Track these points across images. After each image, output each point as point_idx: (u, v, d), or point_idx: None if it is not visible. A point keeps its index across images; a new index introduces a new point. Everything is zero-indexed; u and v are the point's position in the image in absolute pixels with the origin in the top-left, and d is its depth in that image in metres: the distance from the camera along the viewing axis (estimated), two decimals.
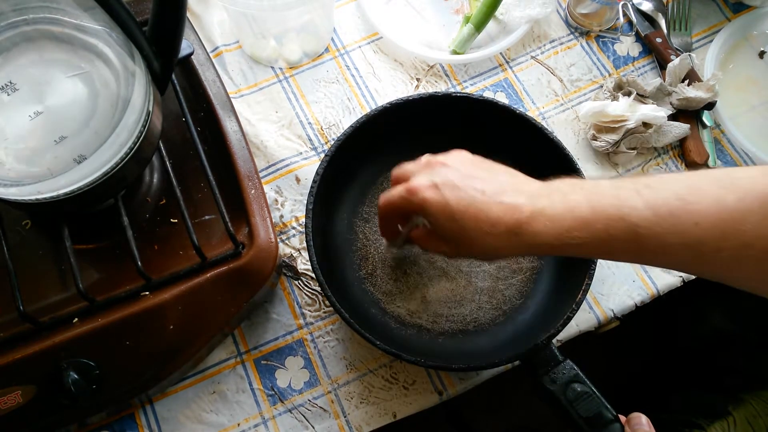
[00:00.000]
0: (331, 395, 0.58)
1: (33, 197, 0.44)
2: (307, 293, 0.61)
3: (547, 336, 0.51)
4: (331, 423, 0.57)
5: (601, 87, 0.69)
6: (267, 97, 0.68)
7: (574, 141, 0.68)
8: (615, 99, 0.66)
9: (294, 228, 0.63)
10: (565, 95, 0.70)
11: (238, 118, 0.59)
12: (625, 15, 0.73)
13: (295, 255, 0.62)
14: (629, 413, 0.46)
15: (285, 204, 0.64)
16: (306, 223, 0.55)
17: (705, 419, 0.73)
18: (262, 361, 0.58)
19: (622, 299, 0.61)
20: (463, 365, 0.51)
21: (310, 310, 0.60)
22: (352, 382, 0.58)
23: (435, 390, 0.58)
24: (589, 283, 0.53)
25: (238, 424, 0.57)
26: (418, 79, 0.70)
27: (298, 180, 0.65)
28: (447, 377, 0.58)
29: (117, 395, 0.50)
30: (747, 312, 0.88)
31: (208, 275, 0.51)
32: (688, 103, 0.66)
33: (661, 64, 0.71)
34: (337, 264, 0.59)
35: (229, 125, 0.57)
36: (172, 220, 0.55)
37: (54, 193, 0.44)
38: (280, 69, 0.70)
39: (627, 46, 0.72)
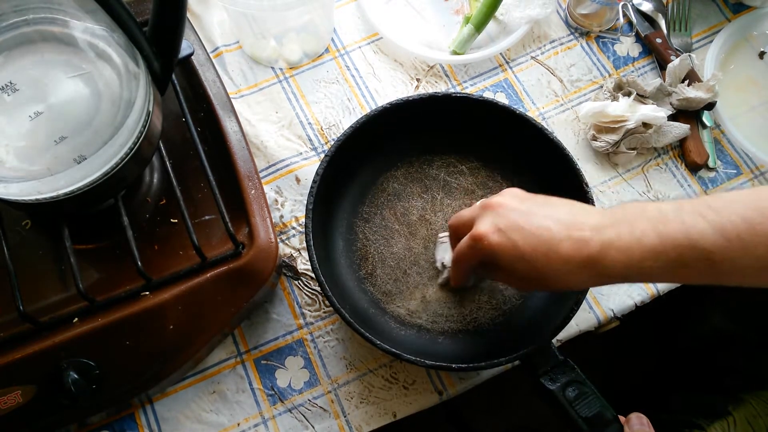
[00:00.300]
0: (331, 395, 0.58)
1: (33, 197, 0.44)
2: (307, 293, 0.61)
3: (546, 336, 0.51)
4: (331, 423, 0.57)
5: (601, 87, 0.69)
6: (267, 98, 0.69)
7: (574, 141, 0.68)
8: (615, 99, 0.66)
9: (294, 228, 0.63)
10: (565, 95, 0.70)
11: (238, 118, 0.59)
12: (625, 15, 0.73)
13: (295, 255, 0.62)
14: (629, 413, 0.46)
15: (285, 204, 0.64)
16: (306, 223, 0.55)
17: (705, 419, 0.73)
18: (262, 361, 0.59)
19: (622, 299, 0.61)
20: (463, 365, 0.51)
21: (310, 310, 0.60)
22: (352, 381, 0.58)
23: (435, 390, 0.58)
24: None
25: (238, 424, 0.57)
26: (418, 80, 0.70)
27: (298, 180, 0.65)
28: (447, 377, 0.58)
29: (117, 395, 0.50)
30: (747, 312, 0.88)
31: (208, 275, 0.51)
32: (688, 104, 0.66)
33: (661, 65, 0.71)
34: (337, 264, 0.59)
35: (229, 125, 0.57)
36: (172, 220, 0.55)
37: (54, 193, 0.44)
38: (280, 69, 0.70)
39: (627, 46, 0.72)
